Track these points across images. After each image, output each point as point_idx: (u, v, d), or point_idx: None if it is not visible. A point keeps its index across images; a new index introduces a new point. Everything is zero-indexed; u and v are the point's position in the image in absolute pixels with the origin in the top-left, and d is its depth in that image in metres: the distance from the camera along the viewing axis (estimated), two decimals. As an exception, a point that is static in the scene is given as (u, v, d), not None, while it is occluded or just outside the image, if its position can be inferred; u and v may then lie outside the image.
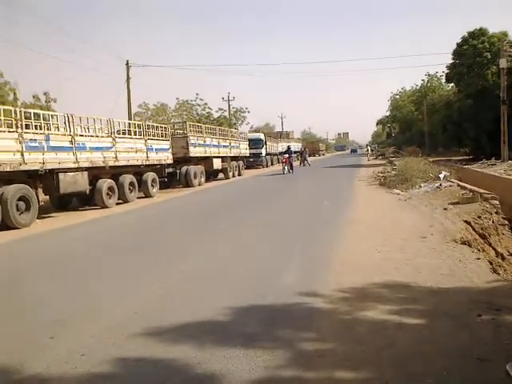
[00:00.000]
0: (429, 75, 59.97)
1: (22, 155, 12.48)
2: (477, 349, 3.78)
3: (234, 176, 30.38)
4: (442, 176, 17.74)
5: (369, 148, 65.10)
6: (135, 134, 18.98)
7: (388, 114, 75.88)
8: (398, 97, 70.56)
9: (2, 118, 12.37)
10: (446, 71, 39.19)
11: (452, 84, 41.91)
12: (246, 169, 35.09)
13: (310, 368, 3.59)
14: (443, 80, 48.96)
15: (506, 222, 10.44)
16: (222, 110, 51.14)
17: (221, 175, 30.13)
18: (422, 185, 16.74)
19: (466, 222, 9.62)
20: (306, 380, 3.44)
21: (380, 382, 3.34)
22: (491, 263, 6.79)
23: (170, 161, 21.78)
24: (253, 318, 4.71)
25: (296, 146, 63.06)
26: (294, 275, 6.30)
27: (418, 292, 5.32)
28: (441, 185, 16.00)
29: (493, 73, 32.08)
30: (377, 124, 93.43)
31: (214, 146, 27.32)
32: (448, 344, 3.92)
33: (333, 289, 5.50)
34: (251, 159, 38.84)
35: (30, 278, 6.99)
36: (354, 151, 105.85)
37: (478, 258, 6.76)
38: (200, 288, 5.97)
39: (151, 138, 20.05)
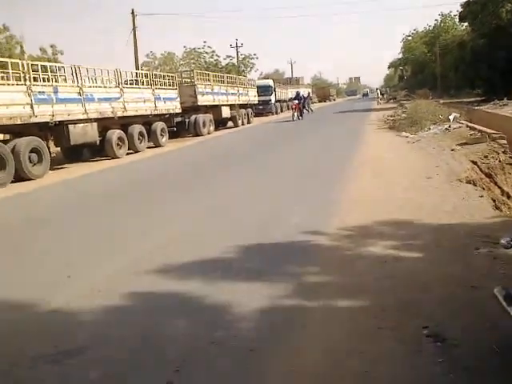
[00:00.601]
0: (442, 15, 58.23)
1: (32, 108, 12.59)
2: (471, 278, 3.97)
3: (243, 124, 30.28)
4: (451, 118, 17.59)
5: (378, 92, 63.79)
6: (143, 84, 18.93)
7: (400, 56, 74.20)
8: (410, 38, 68.66)
9: (10, 71, 12.42)
10: (460, 10, 38.00)
11: (466, 23, 40.72)
12: (255, 116, 34.88)
13: (310, 298, 3.82)
14: (457, 20, 47.52)
15: (514, 161, 10.46)
16: (230, 57, 50.49)
17: (230, 123, 30.04)
18: (432, 127, 16.66)
19: (472, 161, 9.68)
20: (307, 307, 3.68)
21: (377, 308, 3.55)
22: (494, 201, 6.90)
23: (179, 110, 21.75)
24: (259, 255, 4.95)
25: (306, 92, 62.34)
26: (300, 214, 6.52)
27: (419, 228, 5.50)
28: (450, 126, 15.92)
29: (507, 10, 31.07)
30: (389, 67, 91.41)
31: (223, 93, 27.11)
32: (444, 274, 4.11)
33: (337, 227, 5.70)
34: (260, 106, 38.48)
35: (50, 222, 7.27)
36: (365, 95, 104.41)
37: (481, 196, 6.89)
38: (211, 227, 6.22)
39: (159, 87, 19.97)
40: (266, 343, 3.18)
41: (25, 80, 12.54)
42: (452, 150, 11.27)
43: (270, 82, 43.54)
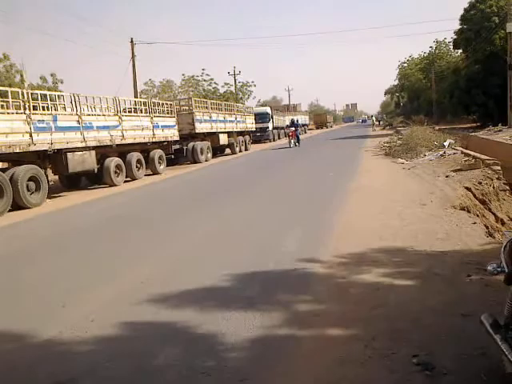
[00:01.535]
0: (437, 42, 59.26)
1: (31, 136, 12.71)
2: (463, 306, 4.00)
3: (240, 151, 30.50)
4: (446, 144, 17.79)
5: (374, 118, 64.40)
6: (141, 112, 19.14)
7: (396, 83, 75.22)
8: (405, 65, 69.75)
9: (10, 100, 12.58)
10: (454, 37, 38.73)
11: (460, 50, 41.44)
12: (252, 143, 35.16)
13: (304, 327, 3.84)
14: (451, 46, 48.40)
15: (507, 188, 10.58)
16: (228, 84, 50.99)
17: (228, 150, 30.26)
18: (427, 153, 16.83)
19: (466, 188, 9.77)
20: (300, 337, 3.70)
21: (367, 337, 3.57)
22: (487, 227, 6.98)
23: (177, 137, 21.93)
24: (254, 283, 4.98)
25: (303, 119, 62.86)
26: (294, 241, 6.57)
27: (412, 255, 5.54)
28: (445, 153, 16.08)
29: (501, 37, 31.65)
30: (385, 94, 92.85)
31: (220, 121, 27.37)
32: (436, 302, 4.14)
33: (331, 254, 5.74)
34: (258, 134, 38.83)
35: (44, 252, 7.29)
36: (363, 121, 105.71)
37: (475, 223, 6.95)
38: (207, 255, 6.26)
39: (157, 115, 20.18)
40: (257, 373, 3.20)
41: (24, 109, 12.69)
42: (446, 177, 11.38)
43: (268, 110, 43.99)
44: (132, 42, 32.55)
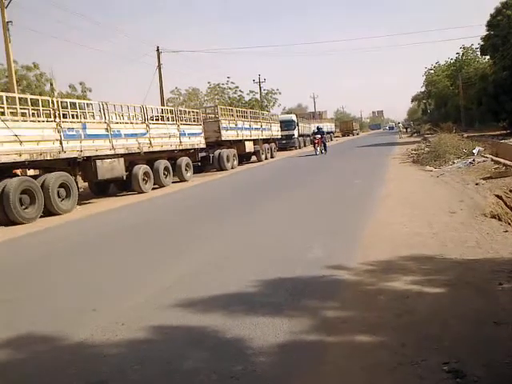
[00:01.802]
0: (464, 48, 58.39)
1: (61, 144, 13.01)
2: (494, 314, 3.93)
3: (266, 158, 30.58)
4: (475, 151, 17.51)
5: (400, 125, 64.14)
6: (168, 120, 19.39)
7: (423, 89, 74.35)
8: (432, 72, 68.84)
9: (41, 108, 12.90)
10: (481, 43, 38.17)
11: (487, 56, 40.81)
12: (278, 151, 35.20)
13: (331, 333, 3.82)
14: (478, 52, 47.66)
15: (540, 195, 10.32)
16: (253, 92, 51.23)
17: (253, 158, 30.37)
18: (456, 161, 16.59)
19: (497, 196, 9.58)
20: (328, 343, 3.68)
21: (397, 344, 3.54)
22: (519, 235, 6.82)
23: (203, 145, 22.14)
24: (281, 290, 4.97)
25: (329, 126, 62.67)
26: (321, 248, 6.56)
27: (442, 264, 5.46)
28: (474, 160, 15.83)
29: (529, 42, 31.08)
30: (412, 101, 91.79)
31: (246, 128, 27.53)
32: (466, 310, 4.08)
33: (360, 262, 5.70)
34: (283, 141, 38.91)
35: (73, 257, 7.43)
36: (391, 128, 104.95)
37: (506, 231, 6.80)
38: (235, 261, 6.28)
39: (184, 123, 20.42)
40: (285, 378, 3.20)
41: (55, 117, 13.00)
42: (476, 184, 11.19)
43: (293, 117, 44.03)
44: (158, 50, 33.03)
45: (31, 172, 13.80)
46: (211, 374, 3.32)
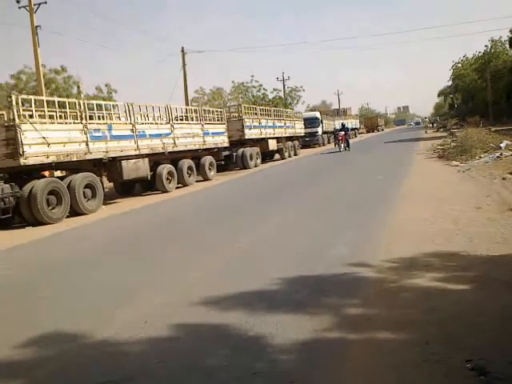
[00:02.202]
0: (492, 40, 57.25)
1: (87, 145, 13.22)
2: (522, 312, 3.87)
3: (289, 156, 30.50)
4: (503, 145, 17.15)
5: (427, 120, 63.64)
6: (192, 120, 19.51)
7: (450, 83, 73.19)
8: (460, 65, 67.68)
9: (68, 110, 13.13)
10: (510, 35, 37.38)
11: (516, 49, 39.97)
12: (302, 148, 35.09)
13: (354, 330, 3.81)
14: (507, 45, 46.67)
15: None
16: (276, 90, 51.11)
17: (277, 156, 30.34)
18: (482, 155, 16.29)
19: (524, 190, 9.39)
20: (351, 340, 3.67)
21: (421, 341, 3.50)
22: (548, 231, 6.66)
23: (227, 144, 22.20)
24: (303, 287, 4.97)
25: (354, 123, 62.18)
26: (344, 244, 6.56)
27: (467, 260, 5.37)
28: (502, 154, 15.51)
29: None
30: (438, 95, 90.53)
31: (269, 127, 27.52)
32: (492, 307, 4.02)
33: (382, 259, 5.65)
34: (307, 138, 38.75)
35: (99, 256, 7.56)
36: (417, 124, 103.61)
37: (534, 226, 6.67)
38: (257, 258, 6.30)
39: (207, 122, 20.51)
40: (308, 376, 3.20)
41: (81, 119, 13.21)
42: (503, 179, 10.97)
43: (317, 114, 43.81)
44: (183, 51, 33.27)
45: (58, 173, 14.06)
46: (234, 370, 3.35)
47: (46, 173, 13.53)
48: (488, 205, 8.26)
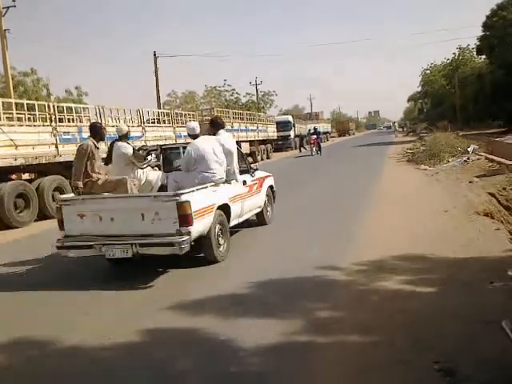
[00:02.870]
0: (460, 48, 58.60)
1: (57, 147, 13.00)
2: (485, 313, 3.97)
3: (262, 159, 30.54)
4: (470, 150, 17.58)
5: (396, 125, 65.33)
6: (164, 123, 19.39)
7: (419, 89, 74.52)
8: (428, 72, 68.98)
9: (37, 112, 12.90)
10: (477, 43, 38.34)
11: (484, 56, 40.94)
12: (274, 151, 35.24)
13: (324, 333, 3.86)
14: (475, 53, 47.83)
15: (533, 193, 10.37)
16: (249, 94, 51.31)
17: (250, 159, 30.36)
18: (450, 159, 16.67)
19: (490, 194, 9.65)
20: (320, 344, 3.71)
21: (388, 344, 3.57)
22: (511, 233, 6.86)
23: (199, 147, 22.07)
24: (274, 291, 5.01)
25: (325, 127, 62.72)
26: (314, 248, 6.63)
27: (433, 263, 5.50)
28: (468, 158, 15.90)
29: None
30: (408, 100, 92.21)
31: (242, 130, 27.56)
32: (458, 309, 4.12)
33: (351, 262, 5.73)
34: (280, 142, 38.90)
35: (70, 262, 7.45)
36: (388, 128, 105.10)
37: (498, 229, 6.86)
38: (229, 261, 6.29)
39: (180, 125, 20.42)
40: (278, 379, 3.23)
41: (51, 121, 12.99)
42: (470, 182, 11.26)
43: (289, 118, 44.02)
44: (155, 55, 33.10)
45: (26, 176, 13.78)
46: (206, 374, 3.35)
47: (14, 176, 13.25)
48: (455, 208, 8.46)
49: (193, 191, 5.88)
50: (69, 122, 14.09)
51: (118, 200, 6.10)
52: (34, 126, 12.69)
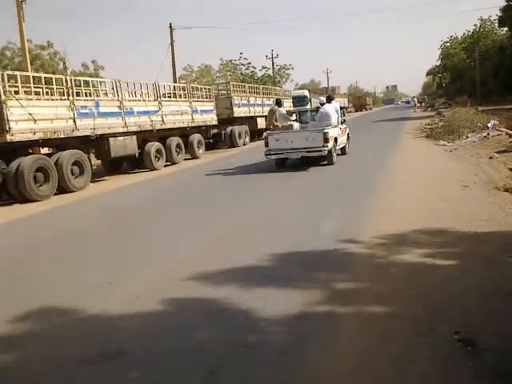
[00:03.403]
0: (481, 20, 57.15)
1: (74, 122, 13.09)
2: (506, 285, 3.96)
3: (278, 135, 30.45)
4: (490, 125, 17.27)
5: (415, 100, 64.29)
6: (180, 97, 19.34)
7: (438, 63, 73.21)
8: (448, 45, 67.58)
9: (55, 86, 12.95)
10: (500, 14, 37.36)
11: (506, 28, 39.94)
12: (291, 126, 34.99)
13: (343, 304, 3.88)
14: (496, 24, 46.65)
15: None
16: (265, 68, 50.73)
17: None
18: (470, 135, 16.41)
19: (510, 169, 9.49)
20: (339, 314, 3.74)
21: (409, 315, 3.59)
22: (533, 209, 6.77)
23: (215, 122, 22.08)
24: (294, 263, 5.04)
25: (342, 102, 62.05)
26: (334, 221, 6.67)
27: (454, 237, 5.46)
28: (488, 134, 15.63)
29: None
30: (427, 74, 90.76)
31: (258, 105, 27.36)
32: (478, 282, 4.11)
33: (372, 235, 5.71)
34: (296, 117, 38.63)
35: (90, 233, 7.56)
36: (408, 103, 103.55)
37: (519, 204, 6.78)
38: (244, 236, 6.34)
39: (196, 99, 20.35)
40: (298, 348, 3.26)
41: (68, 95, 13.06)
42: (490, 158, 11.09)
43: (306, 93, 43.40)
44: (171, 27, 32.73)
45: (45, 150, 13.92)
46: (226, 343, 3.40)
47: (33, 150, 13.39)
48: (475, 184, 8.36)
49: (327, 128, 12.65)
50: (86, 96, 14.15)
51: (295, 133, 13.23)
52: (52, 99, 12.77)
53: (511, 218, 6.01)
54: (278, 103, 14.69)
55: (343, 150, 14.65)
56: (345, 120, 15.19)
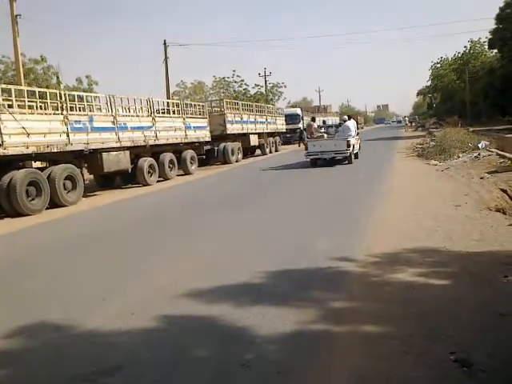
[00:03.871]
0: (471, 41, 58.04)
1: (68, 136, 13.08)
2: (500, 306, 3.98)
3: (270, 152, 30.59)
4: (481, 145, 17.49)
5: (406, 119, 65.50)
6: (174, 113, 19.42)
7: (429, 83, 74.08)
8: (439, 65, 68.46)
9: (49, 101, 12.97)
10: (489, 37, 38.00)
11: (495, 50, 40.61)
12: (282, 144, 35.19)
13: (338, 323, 3.88)
14: (486, 46, 47.42)
15: (545, 190, 10.32)
16: (258, 85, 51.01)
17: (258, 151, 30.37)
18: (460, 155, 16.60)
19: (502, 190, 9.61)
20: (334, 333, 3.74)
21: (404, 334, 3.59)
22: (524, 229, 6.84)
23: (208, 138, 22.15)
24: (288, 281, 5.04)
25: (334, 120, 62.54)
26: (327, 240, 6.64)
27: (447, 256, 5.50)
28: (479, 154, 15.82)
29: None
30: (417, 95, 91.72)
31: (251, 122, 27.51)
32: (472, 302, 4.14)
33: (365, 254, 5.74)
34: (288, 135, 38.85)
35: (82, 248, 7.51)
36: (399, 122, 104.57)
37: (510, 224, 6.84)
38: (238, 253, 6.33)
39: (189, 116, 20.45)
40: (293, 366, 3.26)
41: (62, 110, 13.06)
42: (481, 178, 11.21)
43: (298, 111, 43.97)
44: (165, 43, 32.98)
45: (38, 164, 13.87)
46: (222, 361, 3.39)
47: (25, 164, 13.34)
48: (466, 203, 8.44)
49: (349, 137, 17.62)
50: (80, 110, 14.16)
51: (327, 140, 18.25)
52: (46, 114, 12.77)
53: (503, 238, 6.06)
54: (313, 119, 20.95)
55: (356, 155, 18.98)
56: (359, 133, 20.83)
